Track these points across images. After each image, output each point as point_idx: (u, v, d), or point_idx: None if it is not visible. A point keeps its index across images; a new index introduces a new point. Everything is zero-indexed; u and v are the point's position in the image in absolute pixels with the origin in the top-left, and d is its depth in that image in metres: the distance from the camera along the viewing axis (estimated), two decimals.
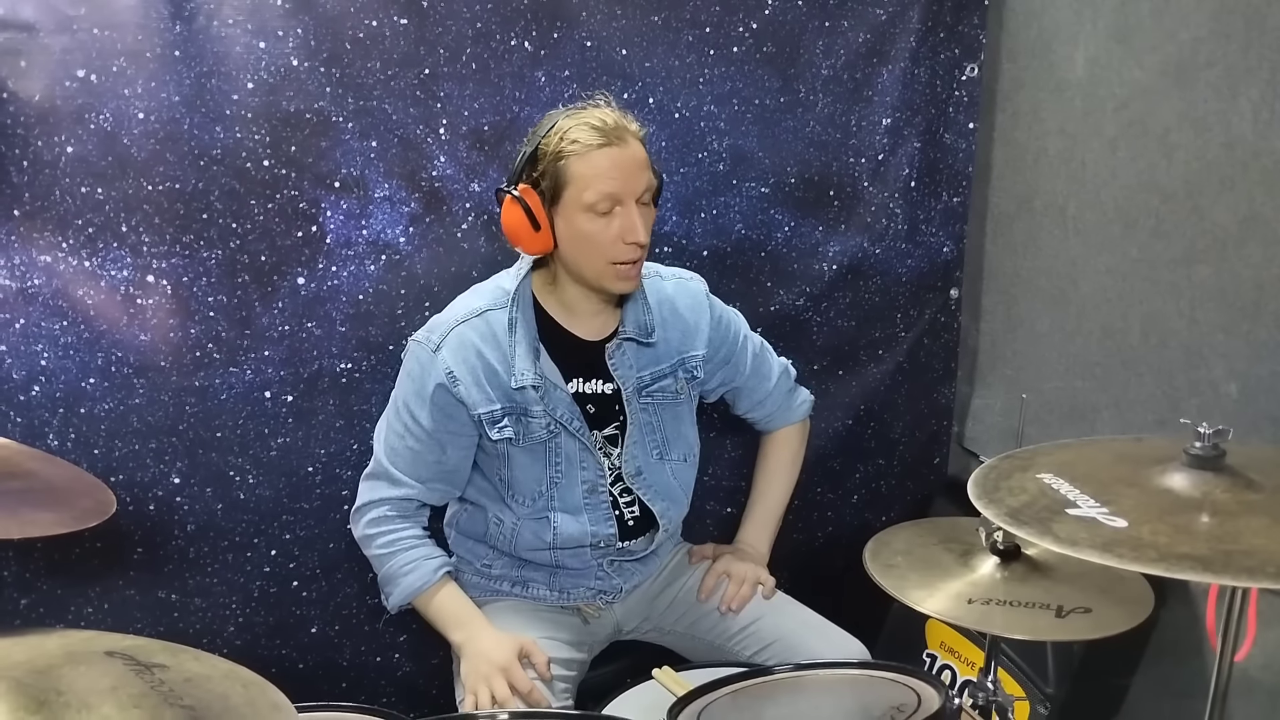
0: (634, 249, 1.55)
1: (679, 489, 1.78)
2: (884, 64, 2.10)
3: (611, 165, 1.52)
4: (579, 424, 1.66)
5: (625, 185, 1.53)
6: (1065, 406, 2.06)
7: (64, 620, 1.77)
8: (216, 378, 1.78)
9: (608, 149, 1.52)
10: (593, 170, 1.51)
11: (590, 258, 1.57)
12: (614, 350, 1.68)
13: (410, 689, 2.05)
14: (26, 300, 1.66)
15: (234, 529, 1.84)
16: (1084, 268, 1.97)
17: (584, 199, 1.52)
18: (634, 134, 1.56)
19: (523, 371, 1.61)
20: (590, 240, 1.55)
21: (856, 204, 2.16)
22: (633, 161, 1.54)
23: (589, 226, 1.54)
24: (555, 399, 1.63)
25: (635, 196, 1.54)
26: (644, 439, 1.72)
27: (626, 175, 1.53)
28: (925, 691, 1.23)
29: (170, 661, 1.01)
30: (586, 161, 1.52)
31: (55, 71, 1.61)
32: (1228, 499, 1.04)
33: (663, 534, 1.76)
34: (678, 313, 1.75)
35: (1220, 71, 1.63)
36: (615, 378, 1.69)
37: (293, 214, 1.78)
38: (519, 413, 1.63)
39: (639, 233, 1.54)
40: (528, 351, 1.62)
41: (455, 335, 1.62)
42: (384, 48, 1.77)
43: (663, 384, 1.72)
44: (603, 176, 1.51)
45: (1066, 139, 2.00)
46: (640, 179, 1.54)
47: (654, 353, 1.72)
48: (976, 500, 1.13)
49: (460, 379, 1.60)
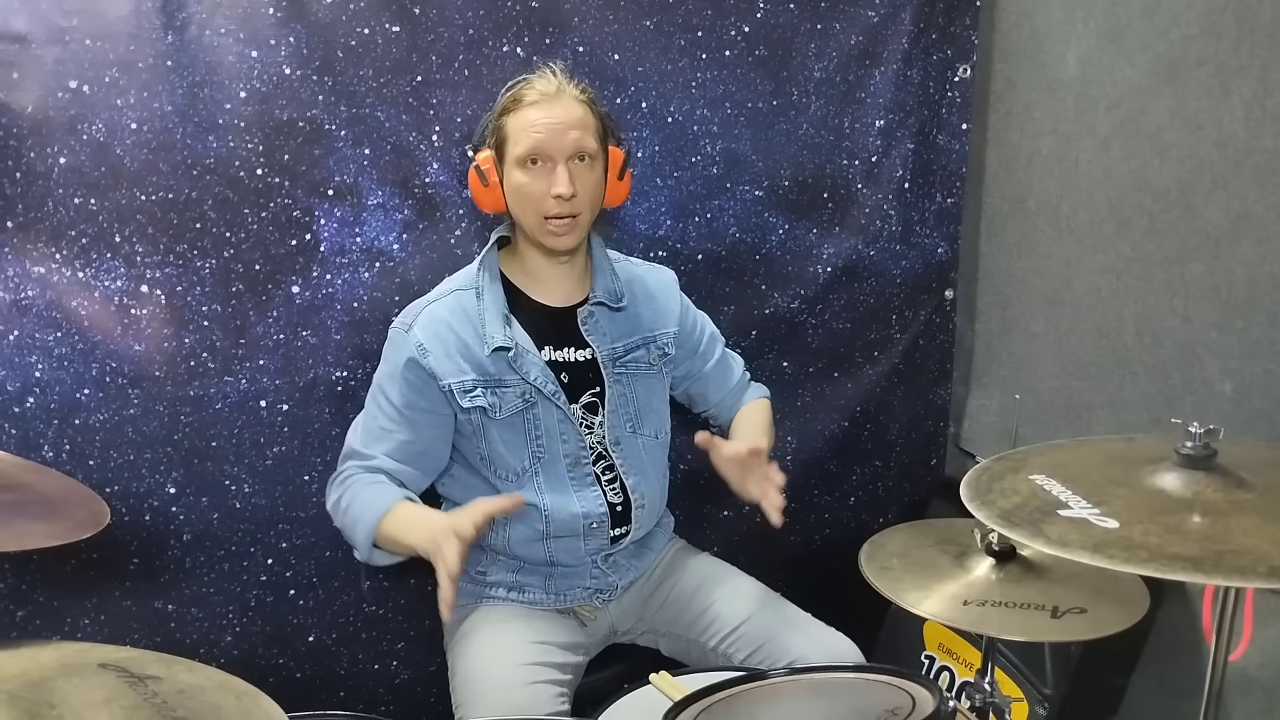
0: (559, 203, 1.60)
1: (650, 465, 1.79)
2: (876, 66, 2.10)
3: (539, 119, 1.59)
4: (554, 388, 1.67)
5: (551, 139, 1.59)
6: (1061, 406, 2.06)
7: (60, 632, 1.77)
8: (211, 387, 1.78)
9: (538, 104, 1.59)
10: (523, 124, 1.59)
11: (523, 212, 1.64)
12: (586, 316, 1.72)
13: (408, 697, 2.05)
14: (20, 312, 1.66)
15: (230, 538, 1.84)
16: (1078, 267, 1.97)
17: (515, 152, 1.60)
18: (575, 96, 1.63)
19: (493, 335, 1.64)
20: (522, 193, 1.62)
21: (850, 206, 2.16)
22: (566, 118, 1.60)
23: (521, 179, 1.61)
24: (528, 363, 1.65)
25: (565, 154, 1.60)
26: (618, 409, 1.74)
27: (554, 130, 1.59)
28: (920, 694, 1.22)
29: (164, 673, 1.01)
30: (520, 117, 1.60)
31: (48, 83, 1.61)
32: (1219, 498, 1.04)
33: (639, 510, 1.75)
34: (649, 292, 1.80)
35: (1212, 70, 1.64)
36: (590, 343, 1.71)
37: (286, 222, 1.78)
38: (493, 385, 1.65)
39: (561, 183, 1.59)
40: (496, 316, 1.66)
41: (427, 313, 1.67)
42: (376, 55, 1.78)
43: (635, 355, 1.75)
44: (530, 129, 1.59)
45: (1059, 139, 2.00)
46: (570, 136, 1.59)
47: (626, 323, 1.75)
48: (969, 502, 1.13)
49: (430, 350, 1.64)
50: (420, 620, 2.01)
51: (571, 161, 1.60)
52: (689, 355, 1.85)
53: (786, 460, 2.25)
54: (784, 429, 2.23)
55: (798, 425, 2.24)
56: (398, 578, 1.99)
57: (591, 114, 1.63)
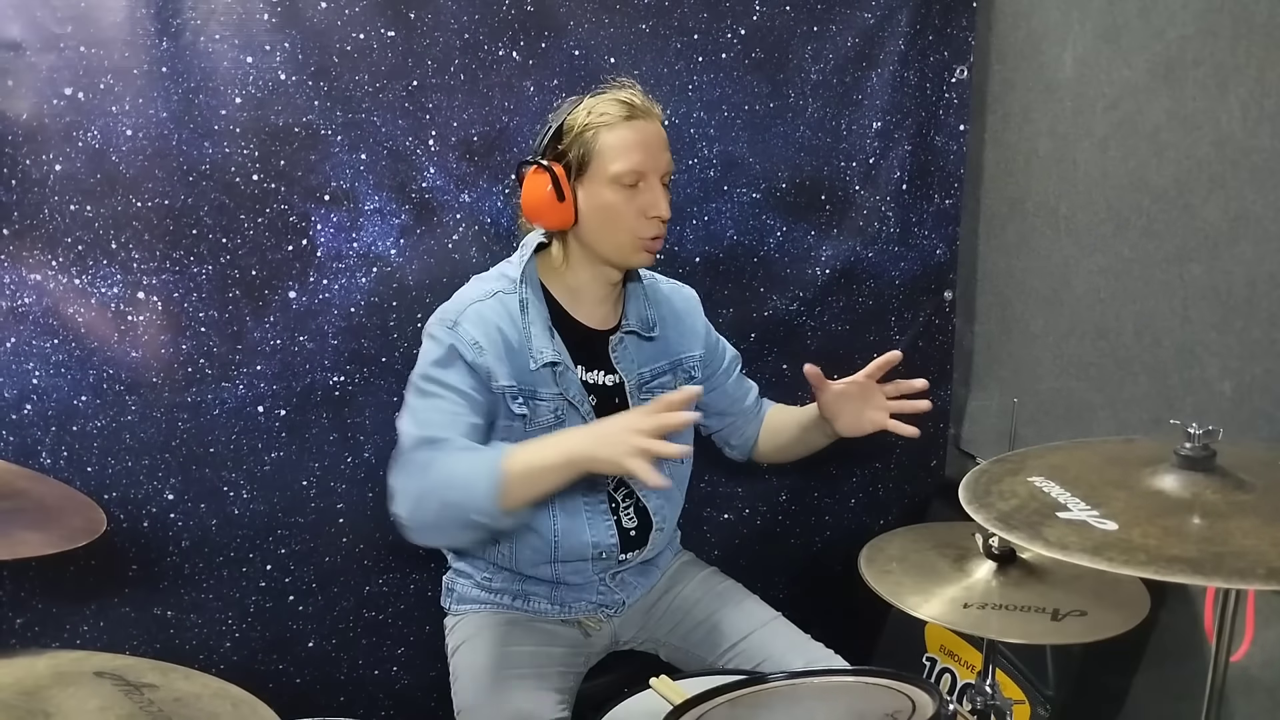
0: (656, 224, 1.58)
1: (675, 489, 1.78)
2: (873, 68, 2.10)
3: (639, 138, 1.55)
4: (588, 408, 1.65)
5: (651, 159, 1.56)
6: (1060, 407, 2.05)
7: (59, 639, 1.77)
8: (209, 393, 1.78)
9: (636, 122, 1.55)
10: (621, 142, 1.54)
11: (613, 231, 1.58)
12: (616, 343, 1.69)
13: (408, 703, 2.04)
14: (17, 319, 1.66)
15: (229, 544, 1.84)
16: (1076, 268, 1.97)
17: (611, 170, 1.54)
18: (658, 115, 1.61)
19: (540, 350, 1.60)
20: (614, 212, 1.56)
21: (848, 208, 2.16)
22: (658, 138, 1.58)
23: (614, 198, 1.55)
24: (568, 380, 1.63)
25: (660, 173, 1.57)
26: None
27: (652, 150, 1.56)
28: (920, 698, 1.22)
29: (160, 681, 1.01)
30: (615, 133, 1.54)
31: (43, 90, 1.61)
32: (1218, 500, 1.04)
33: (657, 534, 1.75)
34: (676, 314, 1.77)
35: (1209, 70, 1.63)
36: (619, 369, 1.68)
37: (283, 228, 1.78)
38: (529, 395, 1.62)
39: (662, 207, 1.57)
40: (543, 330, 1.62)
41: (473, 311, 1.59)
42: (372, 60, 1.78)
43: (662, 380, 1.73)
44: (631, 148, 1.54)
45: (1057, 139, 2.00)
46: (664, 156, 1.58)
47: (654, 349, 1.73)
48: (968, 505, 1.12)
49: (486, 349, 1.56)
50: (420, 626, 2.01)
51: (663, 182, 1.58)
52: (712, 375, 1.83)
53: (787, 463, 2.25)
54: None
55: None
56: (398, 583, 1.98)
57: (666, 136, 1.61)
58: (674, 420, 1.34)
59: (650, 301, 1.73)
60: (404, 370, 1.85)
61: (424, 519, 1.47)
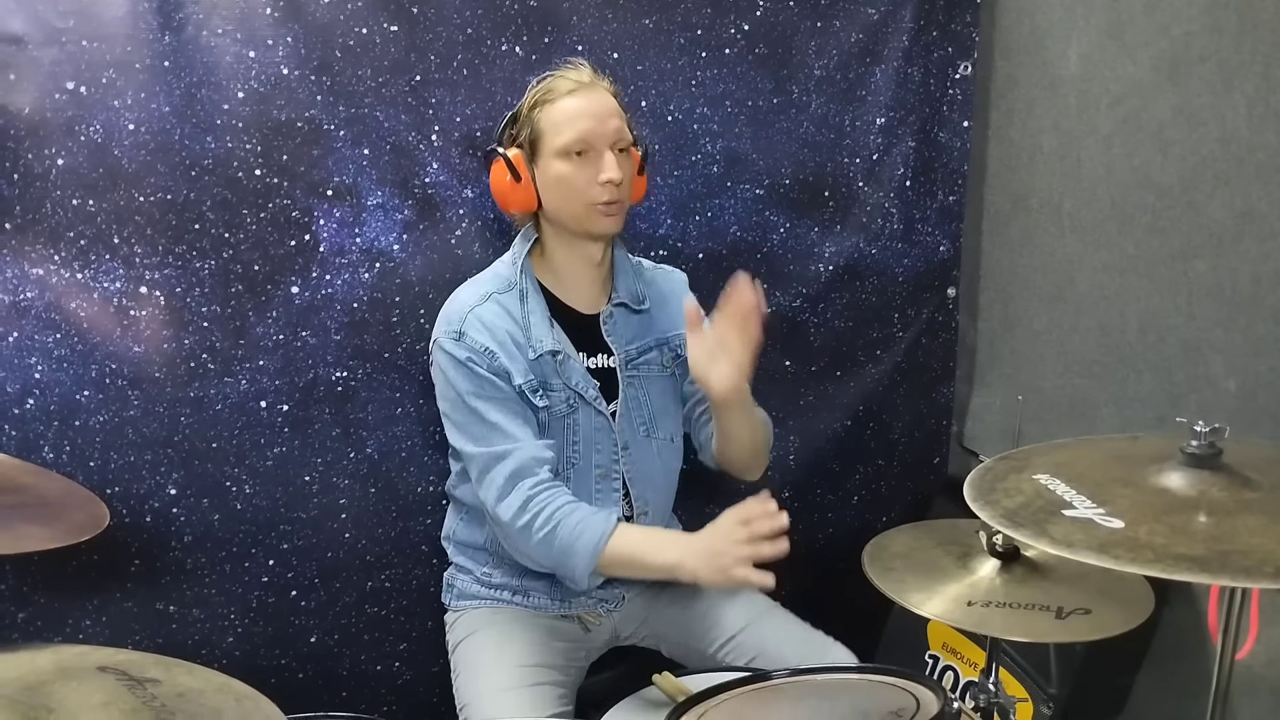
0: (610, 188, 1.59)
1: (660, 472, 1.77)
2: (877, 63, 2.09)
3: (583, 107, 1.59)
4: (595, 393, 1.66)
5: (597, 126, 1.59)
6: (1064, 404, 2.05)
7: (62, 634, 1.76)
8: (211, 388, 1.77)
9: (578, 93, 1.60)
10: (563, 115, 1.59)
11: (570, 201, 1.61)
12: (607, 318, 1.71)
13: (410, 698, 2.04)
14: (19, 313, 1.65)
15: (231, 539, 1.84)
16: (1081, 265, 1.97)
17: (557, 143, 1.59)
18: (606, 87, 1.64)
19: (540, 339, 1.63)
20: (567, 184, 1.60)
21: (852, 204, 2.16)
22: (604, 106, 1.61)
23: (564, 169, 1.60)
24: (570, 369, 1.64)
25: (608, 140, 1.60)
26: (631, 413, 1.72)
27: (596, 117, 1.59)
28: (924, 695, 1.22)
29: (163, 676, 1.01)
30: (558, 108, 1.60)
31: (45, 84, 1.61)
32: (1225, 498, 1.03)
33: (641, 518, 1.74)
34: (662, 294, 1.79)
35: (1214, 66, 1.63)
36: (612, 347, 1.70)
37: (285, 223, 1.77)
38: (543, 386, 1.63)
39: (612, 169, 1.58)
40: (542, 320, 1.64)
41: (473, 317, 1.62)
42: (374, 55, 1.77)
43: (648, 357, 1.74)
44: (573, 118, 1.59)
45: (1061, 136, 1.99)
46: (611, 123, 1.61)
47: (641, 325, 1.74)
48: (973, 502, 1.12)
49: (497, 352, 1.60)
50: (422, 620, 2.00)
51: (614, 150, 1.60)
52: None
53: (790, 460, 2.25)
54: (786, 428, 2.22)
55: (800, 425, 2.23)
56: (401, 578, 1.98)
57: (621, 107, 1.64)
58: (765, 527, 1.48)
59: (640, 278, 1.76)
60: (407, 366, 1.86)
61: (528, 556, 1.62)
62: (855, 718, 1.17)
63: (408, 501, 1.94)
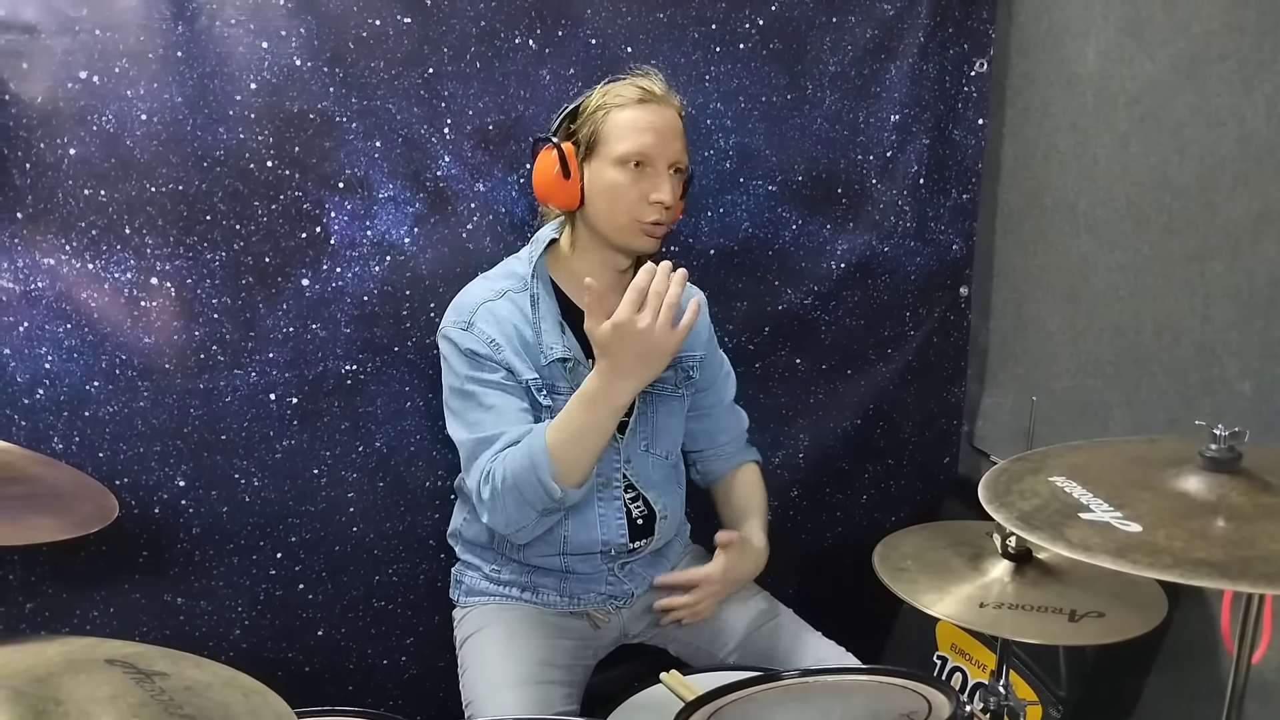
0: (659, 209, 1.56)
1: (668, 480, 1.78)
2: (892, 60, 2.08)
3: (649, 121, 1.55)
4: None
5: (659, 144, 1.55)
6: (1077, 405, 2.03)
7: (69, 625, 1.76)
8: (221, 380, 1.77)
9: (648, 105, 1.56)
10: (629, 122, 1.55)
11: (615, 212, 1.57)
12: None
13: (417, 693, 2.04)
14: (30, 303, 1.65)
15: (239, 532, 1.84)
16: (1095, 265, 1.95)
17: (617, 150, 1.55)
18: (675, 105, 1.60)
19: (551, 345, 1.61)
20: (617, 193, 1.56)
21: (865, 202, 2.14)
22: (670, 126, 1.57)
23: (617, 178, 1.55)
24: (580, 375, 1.62)
25: (668, 161, 1.56)
26: (636, 429, 1.72)
27: (661, 135, 1.55)
28: (936, 698, 1.21)
29: (171, 669, 1.00)
30: (625, 114, 1.56)
31: (57, 73, 1.60)
32: (1244, 502, 1.02)
33: (663, 521, 1.74)
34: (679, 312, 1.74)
35: (1234, 65, 1.61)
36: None
37: (297, 215, 1.77)
38: (549, 388, 1.62)
39: (665, 192, 1.55)
40: (554, 325, 1.62)
41: (485, 310, 1.61)
42: (387, 47, 1.76)
43: (663, 376, 1.71)
44: (639, 130, 1.55)
45: (1077, 135, 1.97)
46: (674, 144, 1.57)
47: None
48: (988, 504, 1.10)
49: (503, 345, 1.59)
50: (429, 615, 2.00)
51: (671, 171, 1.57)
52: (708, 385, 1.82)
53: (799, 458, 2.24)
54: (796, 427, 2.22)
55: (810, 423, 2.22)
56: (408, 573, 1.98)
57: (682, 123, 1.60)
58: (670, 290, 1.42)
59: None
60: (417, 359, 1.86)
61: (510, 521, 1.54)
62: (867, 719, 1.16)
63: (416, 496, 1.94)
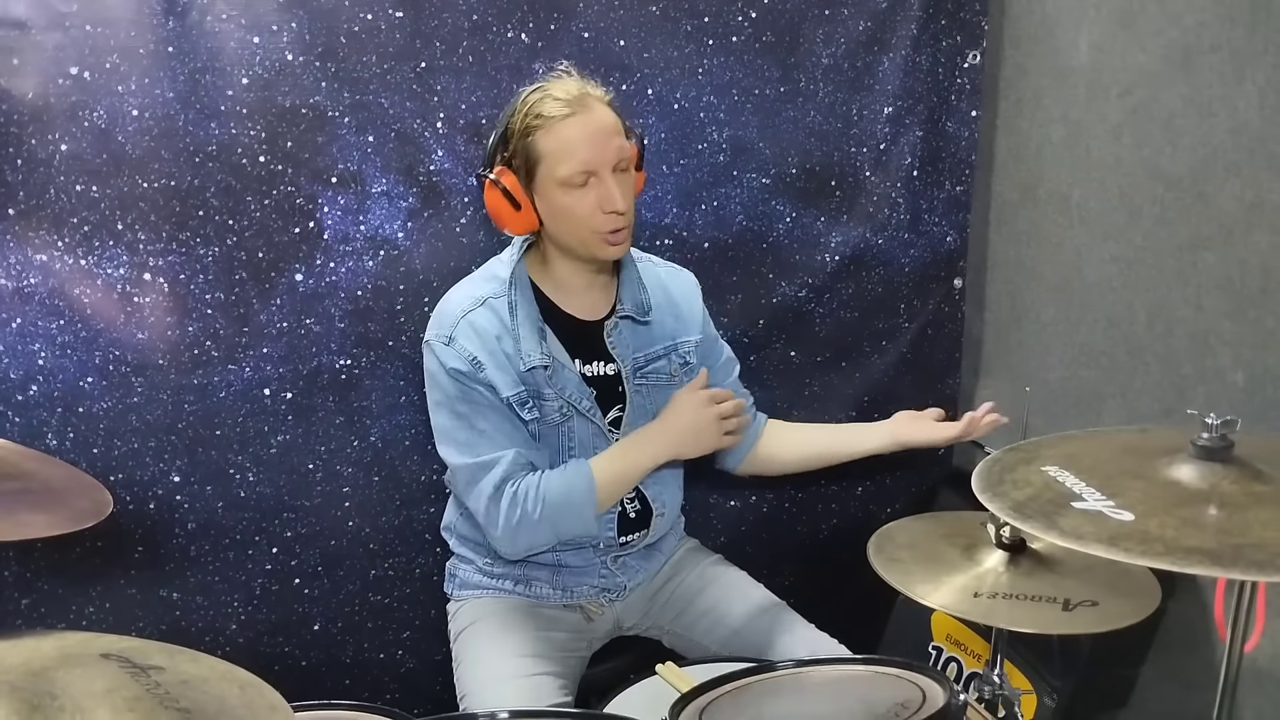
0: (614, 218, 1.54)
1: (668, 474, 1.77)
2: (885, 52, 2.08)
3: (580, 136, 1.51)
4: (589, 404, 1.65)
5: (596, 155, 1.51)
6: (1071, 396, 2.04)
7: (65, 620, 1.76)
8: (215, 375, 1.77)
9: (572, 118, 1.51)
10: (561, 144, 1.51)
11: (573, 229, 1.57)
12: (612, 329, 1.68)
13: (413, 686, 2.04)
14: (23, 299, 1.65)
15: (235, 527, 1.84)
16: (1088, 256, 1.95)
17: (557, 174, 1.52)
18: (600, 99, 1.55)
19: (529, 353, 1.60)
20: (570, 214, 1.54)
21: (858, 194, 2.14)
22: (600, 129, 1.52)
23: (566, 200, 1.53)
24: (564, 379, 1.62)
25: (610, 165, 1.53)
26: (636, 421, 1.71)
27: (596, 144, 1.51)
28: (930, 688, 1.22)
29: (167, 663, 1.00)
30: (554, 135, 1.51)
31: (48, 69, 1.60)
32: (1236, 491, 1.02)
33: (659, 519, 1.74)
34: (672, 299, 1.76)
35: (1225, 56, 1.61)
36: (615, 357, 1.68)
37: (289, 210, 1.77)
38: (535, 396, 1.62)
39: (616, 201, 1.52)
40: (532, 332, 1.61)
41: (465, 324, 1.60)
42: (379, 41, 1.76)
43: (656, 365, 1.72)
44: (573, 148, 1.51)
45: (1070, 126, 1.98)
46: (610, 146, 1.53)
47: (649, 334, 1.72)
48: (981, 494, 1.11)
49: (485, 363, 1.58)
50: (425, 609, 2.00)
51: (615, 171, 1.54)
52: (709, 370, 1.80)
53: None
54: (790, 419, 2.21)
55: (804, 415, 2.22)
56: (404, 567, 1.98)
57: (614, 113, 1.57)
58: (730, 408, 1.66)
59: (644, 286, 1.72)
60: (411, 354, 1.86)
61: (532, 545, 1.64)
62: (860, 710, 1.17)
63: (411, 490, 1.94)
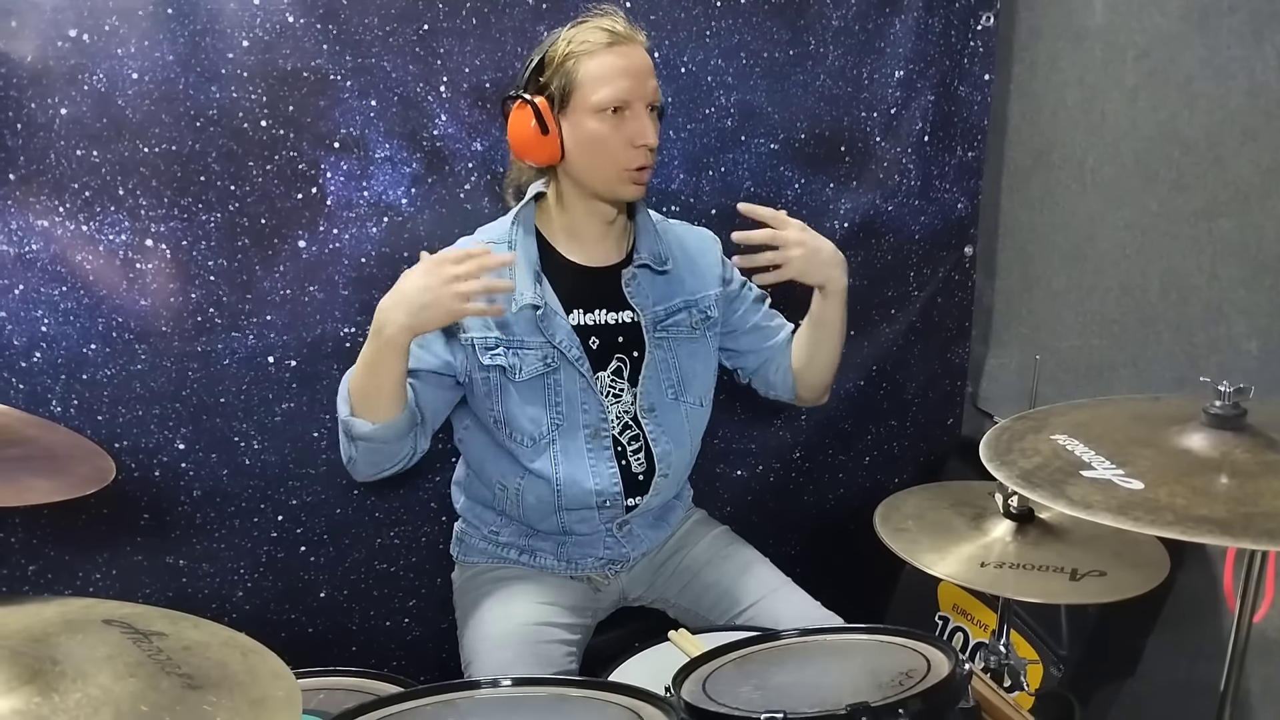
0: (644, 153, 1.53)
1: (687, 433, 1.74)
2: (896, 14, 2.04)
3: (623, 65, 1.50)
4: (578, 353, 1.61)
5: (636, 86, 1.51)
6: (1082, 365, 2.02)
7: (72, 586, 1.77)
8: (219, 343, 1.76)
9: (618, 48, 1.51)
10: (603, 69, 1.50)
11: (600, 162, 1.54)
12: (630, 278, 1.65)
13: (418, 653, 2.05)
14: (25, 266, 1.64)
15: (240, 494, 1.84)
16: (1102, 223, 1.93)
17: (594, 99, 1.50)
18: (642, 41, 1.55)
19: (522, 291, 1.58)
20: (600, 143, 1.52)
21: (868, 160, 2.12)
22: (643, 64, 1.53)
23: (599, 128, 1.51)
24: (555, 325, 1.60)
25: (645, 100, 1.52)
26: (658, 375, 1.68)
27: (637, 77, 1.51)
28: (935, 657, 1.21)
29: (169, 629, 1.00)
30: (597, 61, 1.50)
31: (47, 31, 1.57)
32: (1248, 459, 1.01)
33: (661, 479, 1.72)
34: (689, 254, 1.73)
35: (1244, 17, 1.58)
36: (634, 306, 1.65)
37: (292, 175, 1.75)
38: (515, 345, 1.59)
39: (649, 135, 1.52)
40: (528, 273, 1.59)
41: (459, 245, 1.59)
42: (381, 3, 1.73)
43: (677, 318, 1.69)
44: (614, 76, 1.50)
45: (1085, 90, 1.94)
46: (649, 83, 1.53)
47: (667, 286, 1.69)
48: (988, 462, 1.10)
49: None
50: (431, 577, 2.01)
51: (650, 110, 1.53)
52: (737, 314, 1.78)
53: (801, 419, 2.23)
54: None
55: None
56: (410, 535, 1.98)
57: (652, 63, 1.56)
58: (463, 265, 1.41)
59: (661, 238, 1.70)
60: None
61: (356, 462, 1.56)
62: (865, 678, 1.16)
63: None
